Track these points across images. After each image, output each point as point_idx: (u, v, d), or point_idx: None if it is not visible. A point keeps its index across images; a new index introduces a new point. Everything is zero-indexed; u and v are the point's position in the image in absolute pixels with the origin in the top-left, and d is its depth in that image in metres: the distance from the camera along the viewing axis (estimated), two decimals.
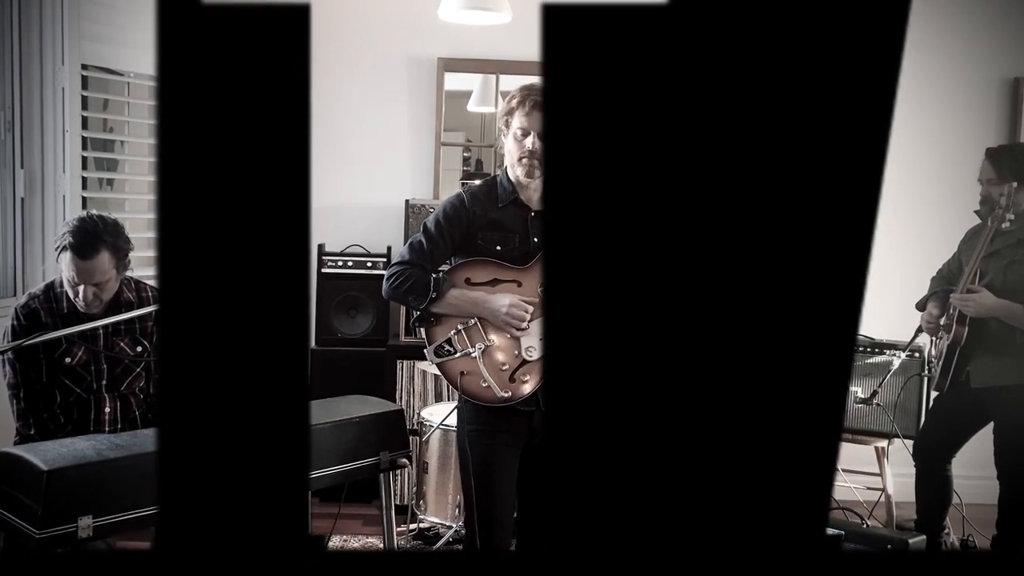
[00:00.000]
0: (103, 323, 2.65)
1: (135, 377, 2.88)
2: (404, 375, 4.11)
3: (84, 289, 2.67)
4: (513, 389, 2.51)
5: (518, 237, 2.55)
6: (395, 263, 2.60)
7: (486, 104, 4.56)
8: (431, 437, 3.48)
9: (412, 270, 2.54)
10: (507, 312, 2.48)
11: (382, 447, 2.86)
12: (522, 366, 2.51)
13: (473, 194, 2.61)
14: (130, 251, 2.77)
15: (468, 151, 4.67)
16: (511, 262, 2.55)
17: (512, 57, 4.41)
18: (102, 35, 3.57)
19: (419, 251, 2.56)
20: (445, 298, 2.52)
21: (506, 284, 2.54)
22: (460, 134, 4.66)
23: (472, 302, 2.52)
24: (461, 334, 2.54)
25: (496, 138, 2.67)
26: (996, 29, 4.51)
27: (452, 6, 3.95)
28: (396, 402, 3.85)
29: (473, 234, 2.57)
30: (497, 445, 2.55)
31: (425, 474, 3.55)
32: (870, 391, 3.77)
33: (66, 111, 3.44)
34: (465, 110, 4.62)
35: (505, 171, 2.60)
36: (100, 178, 3.85)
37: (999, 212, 3.23)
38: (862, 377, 4.06)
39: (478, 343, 2.53)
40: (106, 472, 2.20)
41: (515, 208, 2.56)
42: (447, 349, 2.56)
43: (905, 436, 3.84)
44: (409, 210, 4.19)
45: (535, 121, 2.45)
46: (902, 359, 3.78)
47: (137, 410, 2.90)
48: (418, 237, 2.59)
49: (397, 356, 4.10)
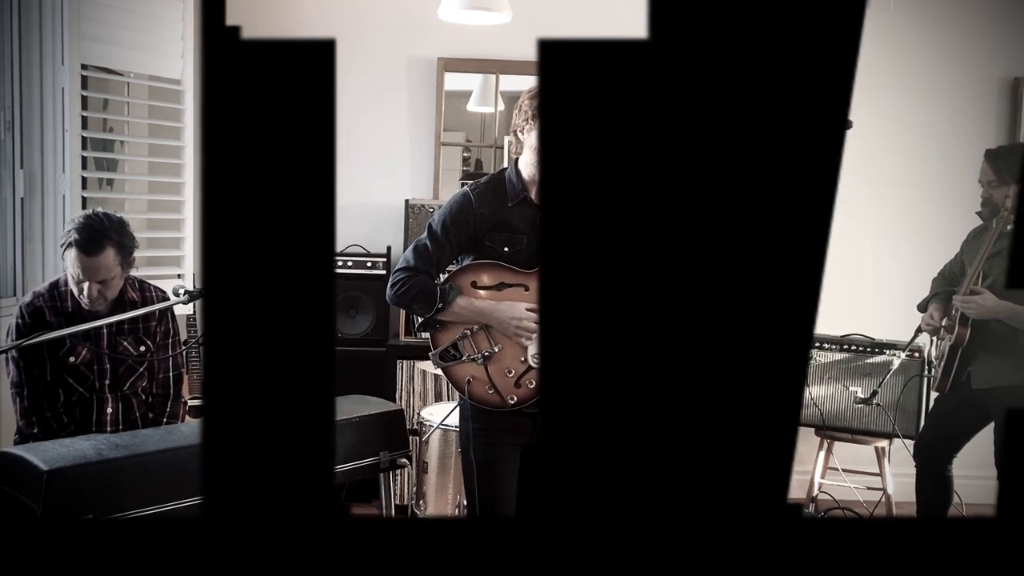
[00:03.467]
0: (107, 322, 2.65)
1: (138, 377, 2.88)
2: (404, 375, 4.10)
3: (89, 286, 2.68)
4: (519, 394, 2.50)
5: (526, 239, 2.50)
6: (399, 268, 2.55)
7: (486, 104, 4.56)
8: (431, 437, 3.48)
9: (417, 277, 2.50)
10: (517, 325, 2.46)
11: (382, 447, 2.86)
12: (528, 372, 2.50)
13: (480, 193, 2.55)
14: (135, 249, 2.78)
15: (468, 151, 4.67)
16: (518, 264, 2.51)
17: (512, 57, 4.41)
18: (102, 35, 3.57)
19: (424, 256, 2.51)
20: (452, 307, 2.49)
21: (513, 288, 2.52)
22: (460, 134, 4.66)
23: (480, 312, 2.50)
24: (468, 339, 2.52)
25: (511, 132, 2.60)
26: (996, 29, 4.51)
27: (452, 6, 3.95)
28: (396, 402, 3.85)
29: (480, 236, 2.52)
30: (499, 445, 2.54)
31: (425, 474, 3.55)
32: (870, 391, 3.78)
33: (66, 111, 3.44)
34: (465, 110, 4.62)
35: (515, 167, 2.55)
36: (100, 178, 3.84)
37: (1004, 214, 3.23)
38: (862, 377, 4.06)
39: (484, 349, 2.51)
40: (106, 472, 2.20)
41: (524, 207, 2.51)
42: (452, 354, 2.54)
43: (905, 436, 3.84)
44: (409, 210, 4.19)
45: None
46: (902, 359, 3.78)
47: (139, 410, 2.90)
48: (423, 240, 2.54)
49: (397, 356, 4.10)
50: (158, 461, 2.31)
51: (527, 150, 2.50)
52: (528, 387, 2.49)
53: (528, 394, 2.49)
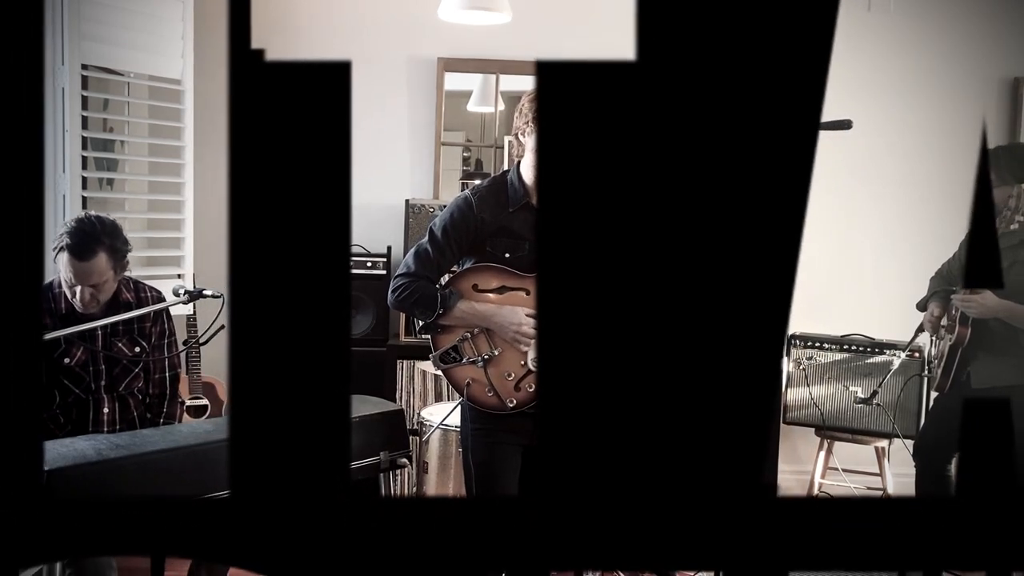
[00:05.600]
0: (101, 323, 2.65)
1: (133, 377, 2.88)
2: (404, 375, 4.10)
3: (81, 290, 2.67)
4: (518, 397, 2.50)
5: (527, 244, 2.50)
6: (400, 274, 2.54)
7: (486, 104, 4.56)
8: (431, 437, 3.48)
9: (418, 283, 2.50)
10: (516, 330, 2.46)
11: (382, 447, 2.86)
12: (527, 375, 2.49)
13: (481, 197, 2.54)
14: (128, 252, 2.77)
15: (468, 151, 4.67)
16: (519, 269, 2.51)
17: (512, 57, 4.41)
18: (102, 35, 3.57)
19: (425, 261, 2.51)
20: (453, 312, 2.50)
21: (514, 292, 2.51)
22: (460, 134, 4.66)
23: (481, 316, 2.50)
24: (468, 342, 2.52)
25: (512, 134, 2.59)
26: (996, 29, 4.51)
27: (452, 6, 3.94)
28: (396, 402, 3.85)
29: (482, 241, 2.52)
30: (498, 446, 2.54)
31: (425, 474, 3.55)
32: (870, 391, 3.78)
33: (66, 111, 3.44)
34: (465, 110, 4.62)
35: (517, 171, 2.54)
36: (100, 178, 3.84)
37: (1007, 214, 3.23)
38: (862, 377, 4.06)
39: (484, 352, 2.51)
40: (106, 472, 2.20)
41: (525, 212, 2.50)
42: (453, 356, 2.54)
43: (905, 436, 3.84)
44: (409, 210, 4.19)
45: None
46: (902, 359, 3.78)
47: (135, 411, 2.90)
48: (424, 245, 2.54)
49: (397, 356, 4.10)
50: (158, 461, 2.31)
51: (528, 152, 2.49)
52: (527, 390, 2.49)
53: (527, 398, 2.49)
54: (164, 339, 2.95)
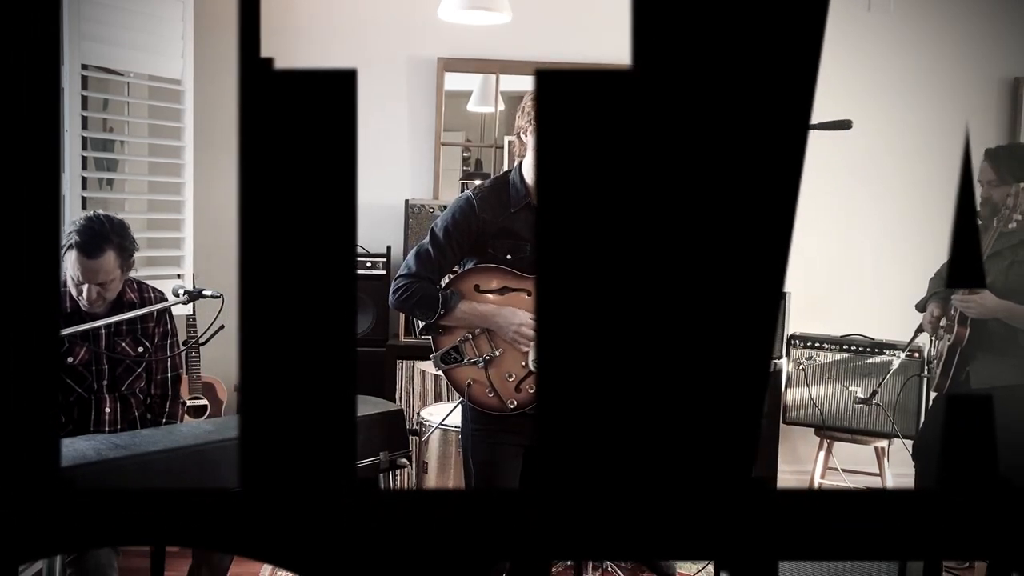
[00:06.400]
0: (105, 323, 2.65)
1: (136, 378, 2.88)
2: (404, 375, 4.11)
3: (88, 288, 2.68)
4: (518, 399, 2.50)
5: (529, 246, 2.50)
6: (401, 275, 2.55)
7: (486, 104, 4.56)
8: (431, 437, 3.48)
9: (419, 284, 2.50)
10: (516, 331, 2.46)
11: (382, 447, 2.86)
12: (528, 376, 2.49)
13: (483, 197, 2.54)
14: (135, 251, 2.78)
15: (468, 151, 4.67)
16: (521, 270, 2.51)
17: (512, 57, 4.41)
18: (102, 35, 3.57)
19: (426, 262, 2.51)
20: (454, 312, 2.50)
21: (515, 293, 2.51)
22: (460, 134, 4.66)
23: (482, 317, 2.50)
24: (469, 342, 2.52)
25: (514, 134, 2.59)
26: (996, 29, 4.51)
27: (452, 6, 3.94)
28: (396, 402, 3.85)
29: (483, 242, 2.52)
30: (499, 446, 2.54)
31: (425, 474, 3.55)
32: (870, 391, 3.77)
33: (66, 111, 3.44)
34: (465, 110, 4.62)
35: (519, 171, 2.54)
36: (100, 178, 3.85)
37: (1006, 213, 3.23)
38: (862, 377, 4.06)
39: (485, 353, 2.51)
40: (106, 472, 2.20)
41: (527, 213, 2.50)
42: (454, 356, 2.54)
43: (905, 436, 3.84)
44: (409, 210, 4.19)
45: None
46: (902, 359, 3.78)
47: (137, 411, 2.90)
48: (425, 245, 2.54)
49: (397, 356, 4.10)
50: (158, 461, 2.31)
51: (531, 152, 2.49)
52: (528, 391, 2.49)
53: (528, 399, 2.49)
54: (167, 339, 2.96)
